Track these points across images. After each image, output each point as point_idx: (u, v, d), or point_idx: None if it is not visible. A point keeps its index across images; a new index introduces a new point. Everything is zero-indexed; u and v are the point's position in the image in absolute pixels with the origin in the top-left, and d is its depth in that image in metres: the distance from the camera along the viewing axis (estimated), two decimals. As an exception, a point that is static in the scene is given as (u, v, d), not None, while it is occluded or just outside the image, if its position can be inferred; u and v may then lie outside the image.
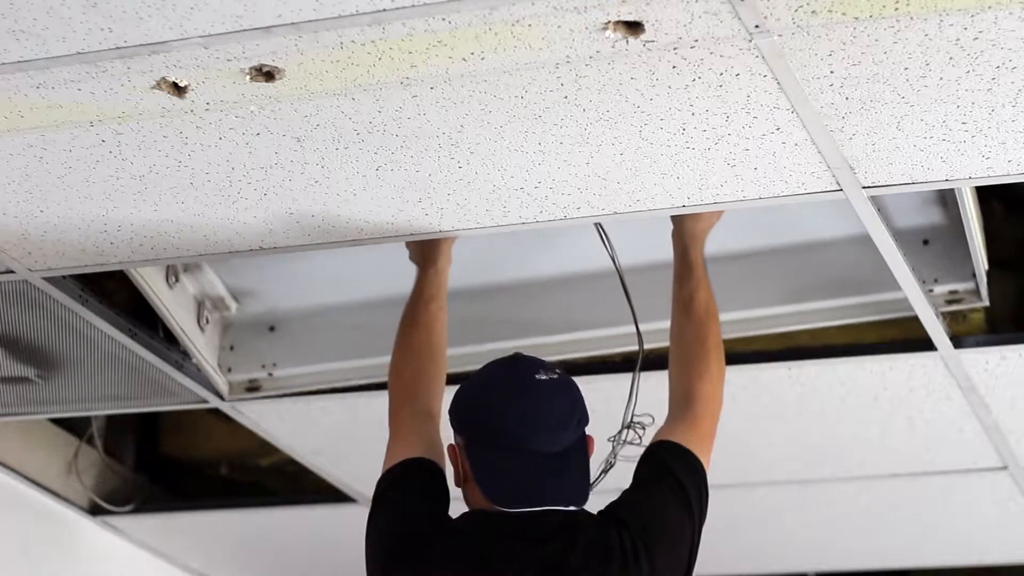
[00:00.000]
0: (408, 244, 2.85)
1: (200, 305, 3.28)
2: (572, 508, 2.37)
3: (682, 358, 2.66)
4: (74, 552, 4.13)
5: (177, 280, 3.17)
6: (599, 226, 2.77)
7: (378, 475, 2.52)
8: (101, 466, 4.04)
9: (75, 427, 3.95)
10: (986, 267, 2.91)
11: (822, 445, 3.58)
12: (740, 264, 3.08)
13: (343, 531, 4.15)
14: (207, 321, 3.30)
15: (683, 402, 2.61)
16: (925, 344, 3.06)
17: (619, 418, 2.74)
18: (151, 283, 3.07)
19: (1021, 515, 3.86)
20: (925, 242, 2.96)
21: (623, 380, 2.83)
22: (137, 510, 4.09)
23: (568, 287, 3.18)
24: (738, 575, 4.39)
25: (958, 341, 3.06)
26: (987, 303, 2.95)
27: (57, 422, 3.91)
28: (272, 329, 3.36)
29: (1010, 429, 3.40)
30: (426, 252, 2.82)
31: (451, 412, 2.46)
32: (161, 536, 4.30)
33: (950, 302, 2.96)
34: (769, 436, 3.53)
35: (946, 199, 2.89)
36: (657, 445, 2.53)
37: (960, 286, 2.95)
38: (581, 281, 3.16)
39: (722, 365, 2.66)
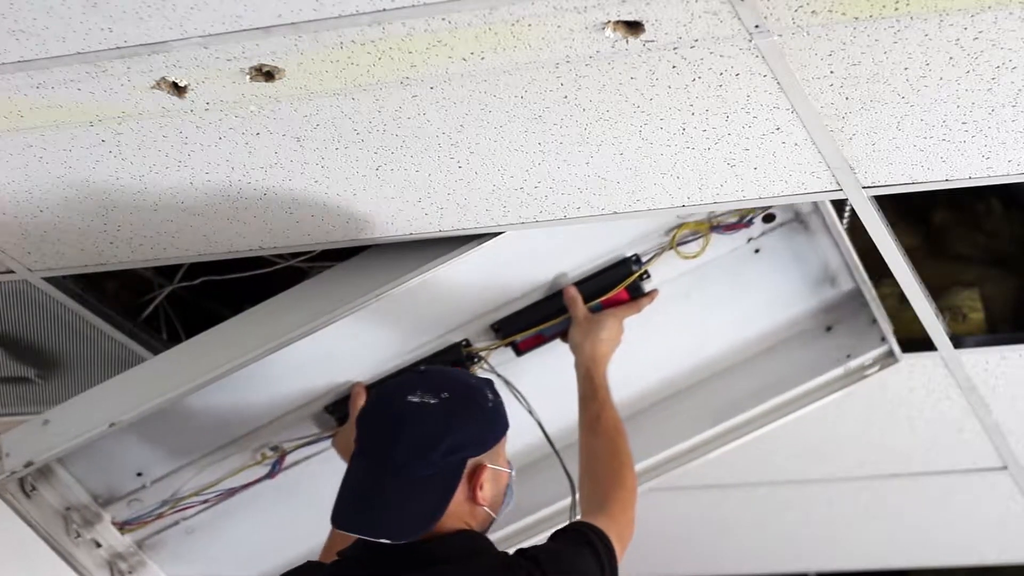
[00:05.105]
0: (334, 443, 2.90)
1: None
2: (471, 538, 2.30)
3: (595, 472, 2.65)
4: (74, 552, 4.11)
5: None
6: (520, 396, 2.87)
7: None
8: (101, 466, 4.03)
9: (75, 427, 3.94)
10: (891, 328, 2.97)
11: (822, 445, 3.58)
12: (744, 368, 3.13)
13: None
14: None
15: (600, 505, 2.56)
16: (925, 344, 3.06)
17: None
18: None
19: (1021, 515, 3.86)
20: (828, 328, 3.02)
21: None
22: (137, 510, 4.08)
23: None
24: (738, 575, 4.39)
25: (958, 341, 3.06)
26: (900, 360, 3.00)
27: (57, 422, 3.90)
28: None
29: (1010, 429, 3.40)
30: (347, 449, 2.77)
31: None
32: (161, 536, 4.29)
33: (867, 370, 3.03)
34: (769, 436, 3.53)
35: (835, 278, 2.96)
36: (574, 522, 2.50)
37: (874, 353, 3.01)
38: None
39: (635, 482, 2.64)
